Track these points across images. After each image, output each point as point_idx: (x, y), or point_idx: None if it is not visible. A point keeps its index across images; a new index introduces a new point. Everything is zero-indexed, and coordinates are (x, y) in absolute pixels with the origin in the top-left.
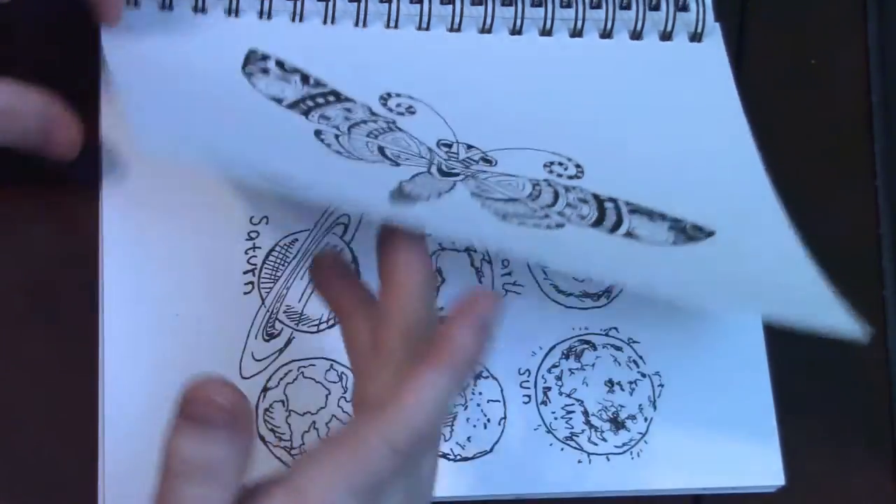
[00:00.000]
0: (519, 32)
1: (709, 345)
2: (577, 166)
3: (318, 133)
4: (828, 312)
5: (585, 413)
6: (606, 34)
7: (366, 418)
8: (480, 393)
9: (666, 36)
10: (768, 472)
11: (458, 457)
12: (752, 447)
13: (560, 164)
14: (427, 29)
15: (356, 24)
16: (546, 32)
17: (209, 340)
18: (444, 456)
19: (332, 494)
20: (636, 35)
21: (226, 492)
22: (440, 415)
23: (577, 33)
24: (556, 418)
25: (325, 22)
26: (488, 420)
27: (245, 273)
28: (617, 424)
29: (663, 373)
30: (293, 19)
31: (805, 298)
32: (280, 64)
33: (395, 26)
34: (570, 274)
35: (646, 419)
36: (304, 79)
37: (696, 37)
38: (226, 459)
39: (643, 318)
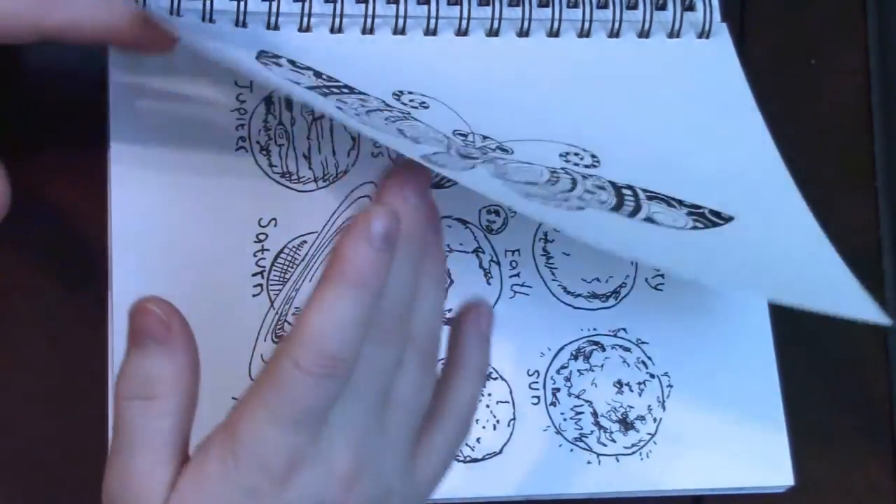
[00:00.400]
0: (526, 34)
1: (717, 345)
2: (593, 156)
3: (338, 107)
4: (847, 294)
5: (594, 414)
6: (614, 34)
7: (278, 346)
8: (489, 394)
9: (673, 35)
10: (778, 472)
11: (468, 458)
12: (762, 447)
13: (576, 154)
14: (434, 34)
15: (363, 32)
16: (553, 34)
17: (218, 343)
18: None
19: (257, 428)
20: (644, 34)
21: (168, 414)
22: (348, 333)
23: (584, 34)
24: (565, 419)
25: (332, 31)
26: (497, 421)
27: (254, 275)
28: (626, 425)
29: (672, 373)
30: (301, 29)
31: (824, 280)
32: (291, 62)
33: (403, 33)
34: (593, 246)
35: (655, 420)
36: (317, 74)
37: (703, 35)
38: (163, 376)
39: (652, 319)
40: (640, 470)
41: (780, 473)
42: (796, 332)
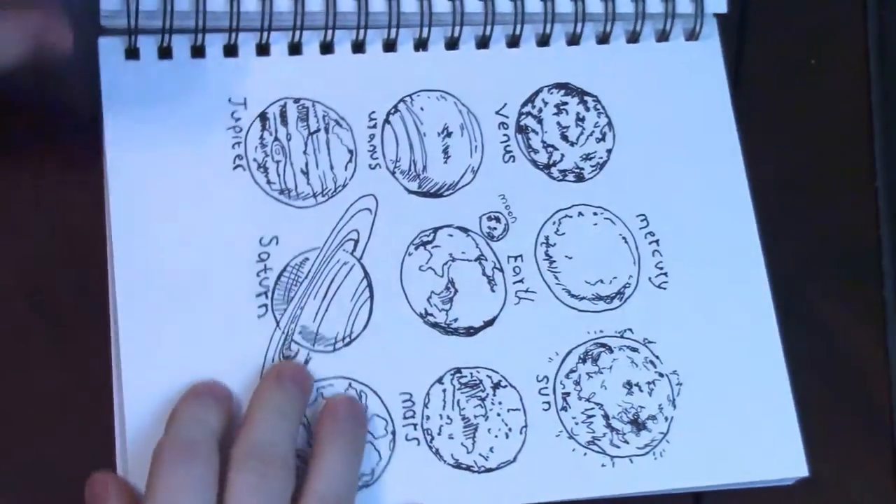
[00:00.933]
0: (516, 45)
1: (724, 340)
2: None
3: None
4: None
5: (606, 416)
6: (604, 40)
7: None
8: (500, 402)
9: (664, 38)
10: (792, 463)
11: (482, 468)
12: (775, 439)
13: None
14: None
15: (354, 51)
16: (544, 40)
17: (226, 366)
18: (469, 468)
19: None
20: (633, 38)
21: None
22: (277, 427)
23: (575, 40)
24: (576, 423)
25: (322, 52)
26: (510, 429)
27: (258, 295)
28: (638, 426)
29: (681, 371)
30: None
31: None
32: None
33: (394, 49)
34: None
35: (666, 419)
36: None
37: (693, 35)
38: None
39: (658, 318)
40: (655, 469)
41: (794, 464)
42: (795, 331)
